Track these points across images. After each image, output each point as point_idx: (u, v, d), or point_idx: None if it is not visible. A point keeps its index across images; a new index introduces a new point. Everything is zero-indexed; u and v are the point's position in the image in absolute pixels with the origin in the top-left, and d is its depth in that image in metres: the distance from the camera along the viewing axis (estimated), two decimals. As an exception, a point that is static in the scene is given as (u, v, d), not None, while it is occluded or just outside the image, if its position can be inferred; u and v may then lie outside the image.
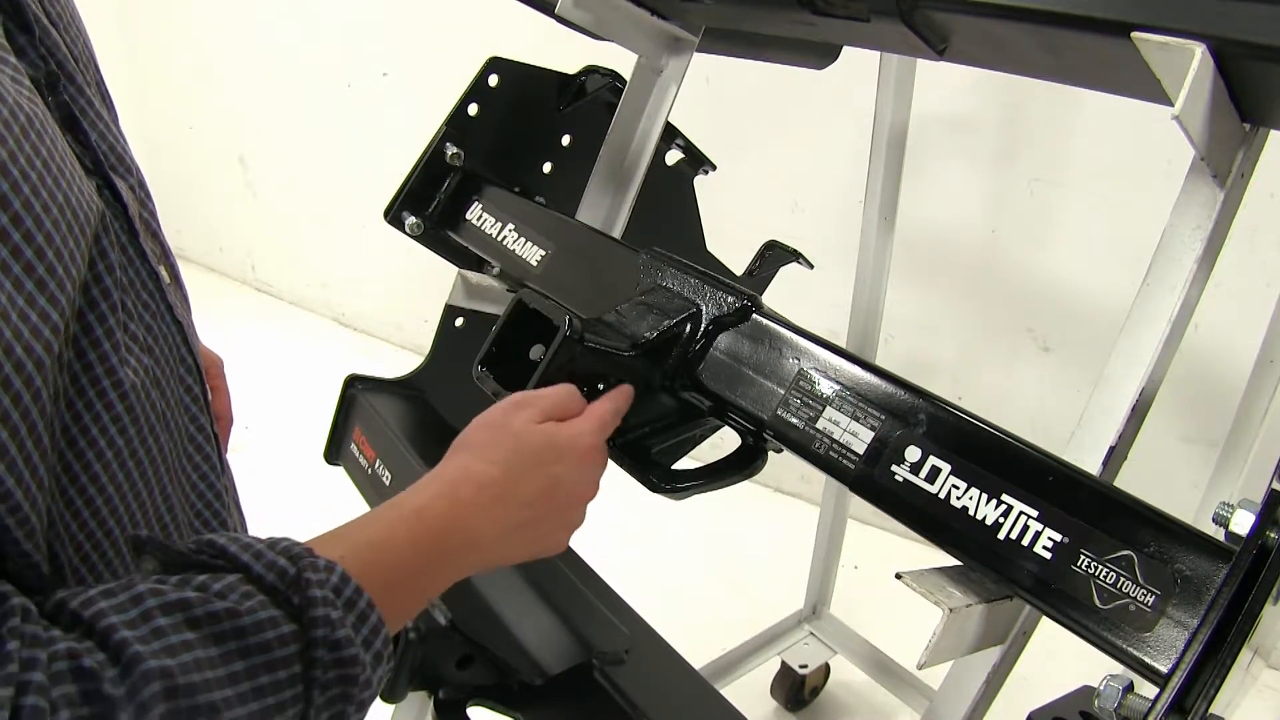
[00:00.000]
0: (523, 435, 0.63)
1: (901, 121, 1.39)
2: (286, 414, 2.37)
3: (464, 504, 0.57)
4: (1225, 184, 0.65)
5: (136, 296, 0.52)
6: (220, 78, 3.25)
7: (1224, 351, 1.73)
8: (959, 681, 0.68)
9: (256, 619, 0.41)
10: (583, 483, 0.66)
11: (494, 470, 0.60)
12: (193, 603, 0.40)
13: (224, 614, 0.41)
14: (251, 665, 0.41)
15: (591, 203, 1.14)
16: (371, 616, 0.46)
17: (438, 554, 0.55)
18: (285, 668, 0.42)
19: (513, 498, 0.60)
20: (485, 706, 0.87)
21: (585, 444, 0.66)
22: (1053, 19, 0.67)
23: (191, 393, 0.58)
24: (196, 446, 0.58)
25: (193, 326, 0.61)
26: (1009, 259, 1.97)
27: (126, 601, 0.39)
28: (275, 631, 0.42)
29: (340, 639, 0.43)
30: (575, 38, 1.06)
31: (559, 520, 0.65)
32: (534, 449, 0.62)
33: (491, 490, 0.59)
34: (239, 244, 3.52)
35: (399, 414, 1.18)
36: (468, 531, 0.57)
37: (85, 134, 0.51)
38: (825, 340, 0.73)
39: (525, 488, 0.61)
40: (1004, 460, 0.60)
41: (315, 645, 0.43)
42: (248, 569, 0.43)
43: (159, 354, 0.54)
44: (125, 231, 0.52)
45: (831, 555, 1.74)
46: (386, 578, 0.50)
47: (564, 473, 0.63)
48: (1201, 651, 0.47)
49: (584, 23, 0.99)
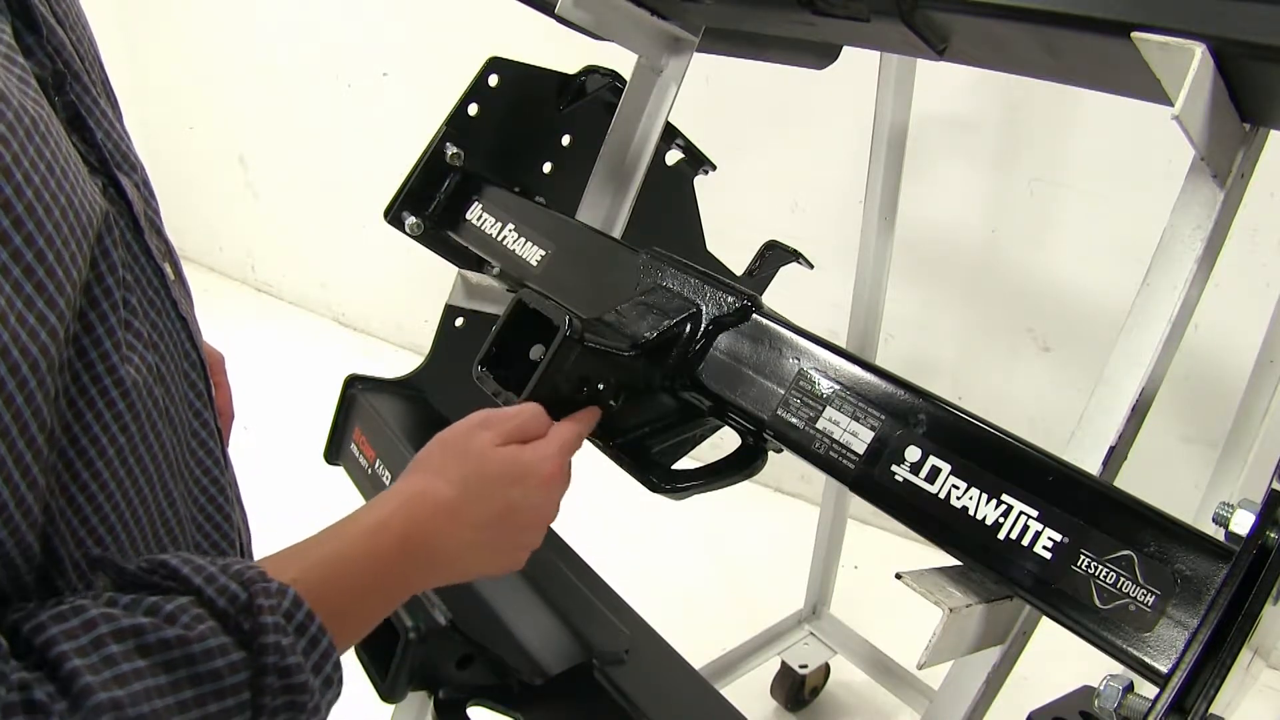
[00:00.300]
0: (483, 458, 0.63)
1: (901, 121, 1.39)
2: (286, 414, 2.37)
3: (420, 523, 0.58)
4: (1225, 184, 0.65)
5: (142, 293, 0.52)
6: (220, 78, 3.25)
7: (1224, 351, 1.73)
8: (959, 681, 0.68)
9: (206, 646, 0.41)
10: (541, 506, 0.66)
11: (451, 490, 0.60)
12: (145, 629, 0.40)
13: (175, 641, 0.41)
14: (200, 694, 0.41)
15: (591, 203, 1.14)
16: (322, 641, 0.46)
17: (393, 572, 0.55)
18: (234, 695, 0.42)
19: (469, 518, 0.60)
20: (485, 706, 0.87)
21: (546, 469, 0.66)
22: (1053, 19, 0.67)
23: (196, 389, 0.58)
24: (200, 442, 0.58)
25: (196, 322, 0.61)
26: (1009, 259, 1.97)
27: (78, 627, 0.40)
28: (225, 659, 0.42)
29: (290, 665, 0.43)
30: (575, 38, 1.06)
31: (515, 541, 0.65)
32: (493, 472, 0.63)
33: (448, 510, 0.59)
34: (239, 244, 3.52)
35: (399, 414, 1.18)
36: (423, 550, 0.57)
37: (91, 132, 0.51)
38: (825, 340, 0.73)
39: (482, 509, 0.61)
40: (1004, 460, 0.60)
41: (265, 672, 0.43)
42: (199, 592, 0.43)
43: (164, 350, 0.54)
44: (130, 229, 0.52)
45: (831, 555, 1.74)
46: (340, 597, 0.51)
47: (522, 497, 0.64)
48: (1201, 651, 0.47)
49: (584, 23, 0.99)
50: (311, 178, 3.14)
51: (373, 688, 0.82)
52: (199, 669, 0.41)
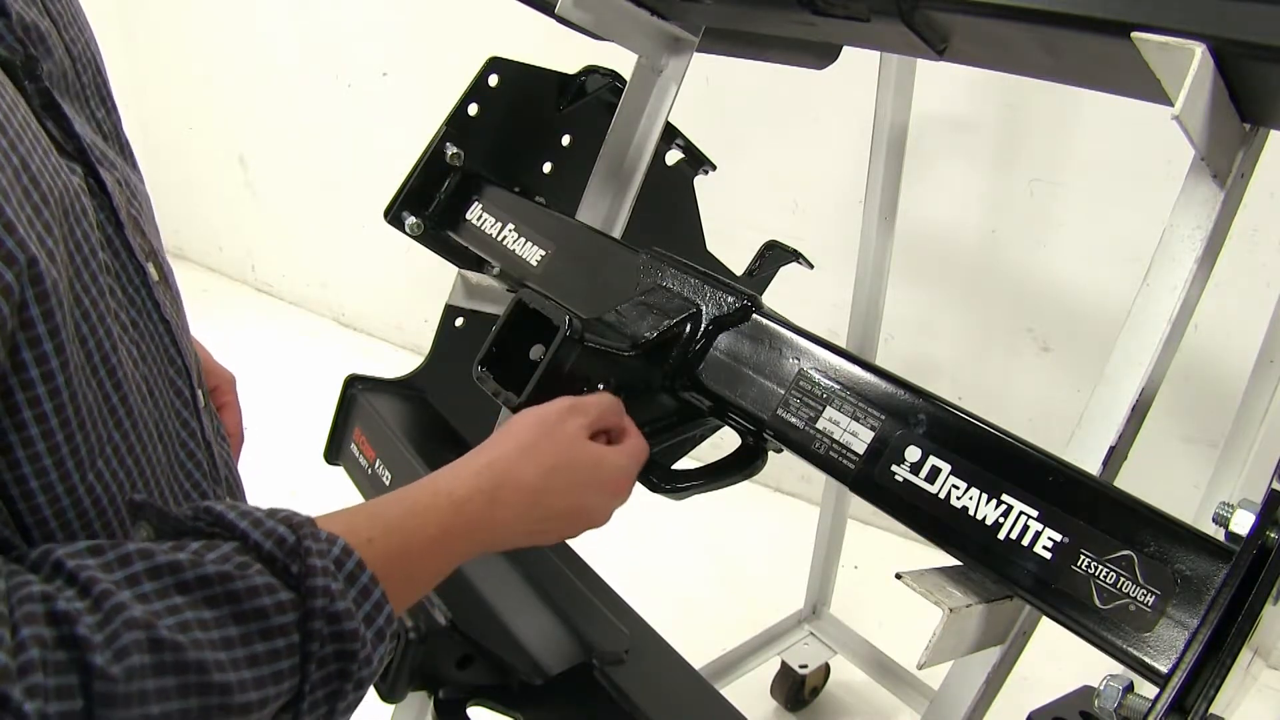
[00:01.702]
0: (574, 448, 0.63)
1: (901, 121, 1.39)
2: (286, 414, 2.37)
3: (502, 505, 0.58)
4: (1225, 184, 0.65)
5: (124, 290, 0.52)
6: (220, 78, 3.26)
7: (1224, 351, 1.73)
8: (959, 681, 0.68)
9: (252, 584, 0.39)
10: (603, 512, 0.66)
11: (537, 478, 0.60)
12: (183, 565, 0.38)
13: (216, 578, 0.39)
14: (246, 631, 0.39)
15: (591, 203, 1.14)
16: (375, 592, 0.44)
17: (462, 545, 0.55)
18: (282, 636, 0.40)
19: (543, 508, 0.61)
20: (485, 706, 0.87)
21: (621, 479, 0.67)
22: (1053, 19, 0.67)
23: (182, 396, 0.57)
24: (188, 452, 0.57)
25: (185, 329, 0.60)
26: (1009, 259, 1.97)
27: (114, 561, 0.37)
28: (272, 598, 0.40)
29: (339, 611, 0.42)
30: (575, 38, 1.06)
31: (563, 533, 0.65)
32: (580, 467, 0.63)
33: (531, 496, 0.60)
34: (239, 244, 3.52)
35: (399, 414, 1.18)
36: (495, 529, 0.58)
37: (67, 121, 0.50)
38: (825, 340, 0.73)
39: (557, 503, 0.62)
40: (1004, 460, 0.60)
41: (313, 616, 0.41)
42: (245, 537, 0.41)
43: (145, 350, 0.53)
44: (111, 222, 0.51)
45: (831, 555, 1.74)
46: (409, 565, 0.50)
47: (594, 501, 0.65)
48: (1201, 651, 0.47)
49: (584, 23, 0.99)
50: (311, 178, 3.14)
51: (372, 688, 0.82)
52: (244, 606, 0.39)
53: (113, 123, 0.59)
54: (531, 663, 0.87)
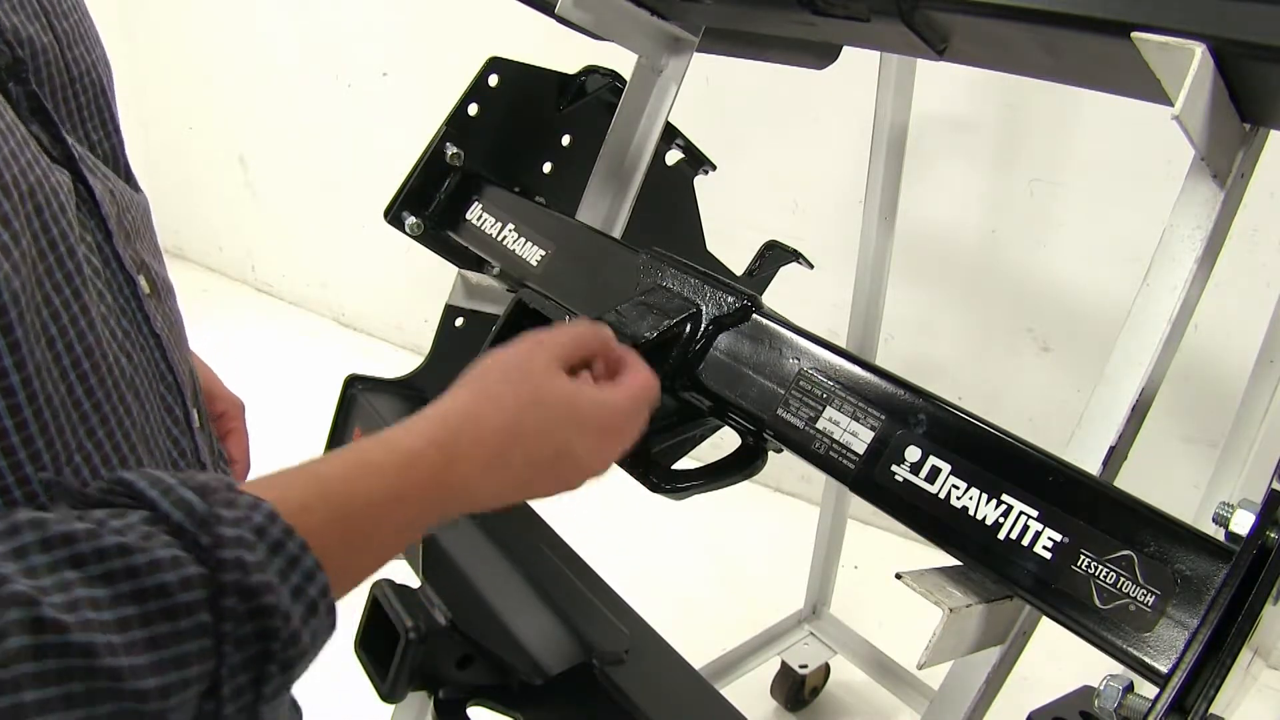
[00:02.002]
0: (544, 385, 0.55)
1: (901, 121, 1.39)
2: (286, 414, 2.37)
3: (461, 460, 0.50)
4: (1225, 184, 0.65)
5: (114, 299, 0.51)
6: (220, 78, 3.26)
7: (1224, 351, 1.73)
8: (959, 681, 0.68)
9: (154, 558, 0.35)
10: (593, 457, 0.57)
11: (501, 420, 0.52)
12: (78, 536, 0.35)
13: (114, 550, 0.35)
14: (146, 611, 0.35)
15: (591, 203, 1.14)
16: (305, 560, 0.40)
17: (417, 509, 0.48)
18: (188, 615, 0.36)
19: (513, 457, 0.53)
20: (485, 706, 0.87)
21: (612, 417, 0.58)
22: (1053, 19, 0.67)
23: (173, 414, 0.55)
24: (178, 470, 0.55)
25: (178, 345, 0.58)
26: (1009, 259, 1.98)
27: (2, 531, 0.34)
28: (176, 573, 0.36)
29: (255, 585, 0.37)
30: (575, 38, 1.06)
31: (552, 487, 0.57)
32: (553, 404, 0.55)
33: (494, 446, 0.52)
34: (239, 244, 3.52)
35: (399, 414, 1.18)
36: (456, 488, 0.50)
37: (55, 127, 0.49)
38: (825, 340, 0.73)
39: (532, 448, 0.53)
40: (1004, 460, 0.60)
41: (225, 592, 0.37)
42: (155, 505, 0.38)
43: (136, 362, 0.52)
44: (100, 230, 0.50)
45: (831, 555, 1.74)
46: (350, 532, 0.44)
47: (577, 443, 0.55)
48: (1201, 651, 0.47)
49: (584, 23, 0.99)
50: (311, 178, 3.14)
51: (372, 688, 0.82)
52: (144, 582, 0.35)
53: (112, 146, 0.58)
54: (531, 663, 0.87)
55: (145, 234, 0.58)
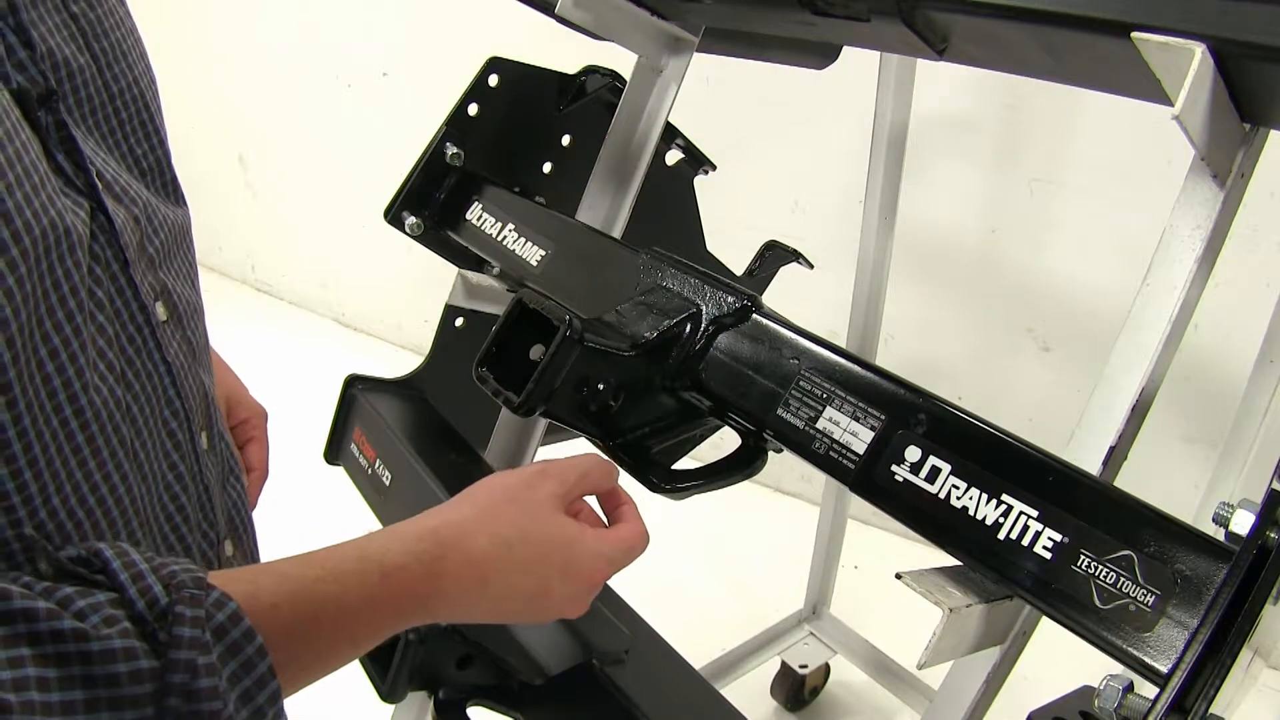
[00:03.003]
0: (542, 520, 0.56)
1: (901, 121, 1.39)
2: (286, 414, 2.36)
3: (443, 576, 0.51)
4: (1225, 184, 0.65)
5: (122, 328, 0.51)
6: (220, 78, 3.25)
7: (1224, 351, 1.73)
8: (959, 681, 0.68)
9: (108, 647, 0.36)
10: (569, 602, 0.58)
11: (491, 550, 0.53)
12: (38, 615, 0.35)
13: (70, 634, 0.36)
14: (93, 697, 0.35)
15: (591, 203, 1.14)
16: (259, 666, 0.40)
17: (389, 617, 0.49)
18: (132, 707, 0.36)
19: (497, 586, 0.53)
20: (485, 706, 0.87)
21: (597, 568, 0.58)
22: (1053, 19, 0.67)
23: (175, 439, 0.55)
24: (172, 496, 0.55)
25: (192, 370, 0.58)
26: (1009, 259, 1.97)
27: None
28: (128, 665, 0.36)
29: (200, 689, 0.37)
30: (575, 38, 1.06)
31: (527, 618, 0.57)
32: (547, 544, 0.55)
33: (480, 570, 0.52)
34: (239, 244, 3.52)
35: (399, 414, 1.18)
36: (432, 603, 0.51)
37: (81, 155, 0.50)
38: (825, 340, 0.73)
39: (515, 582, 0.54)
40: (1004, 460, 0.60)
41: (170, 692, 0.37)
42: (122, 590, 0.39)
43: (139, 390, 0.51)
44: (117, 260, 0.51)
45: (831, 555, 1.74)
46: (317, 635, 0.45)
47: (560, 587, 0.56)
48: (1201, 651, 0.47)
49: (584, 23, 0.99)
50: (311, 178, 3.14)
51: (373, 688, 0.82)
52: (95, 670, 0.36)
53: (157, 159, 0.58)
54: (531, 663, 0.87)
55: (176, 254, 0.58)
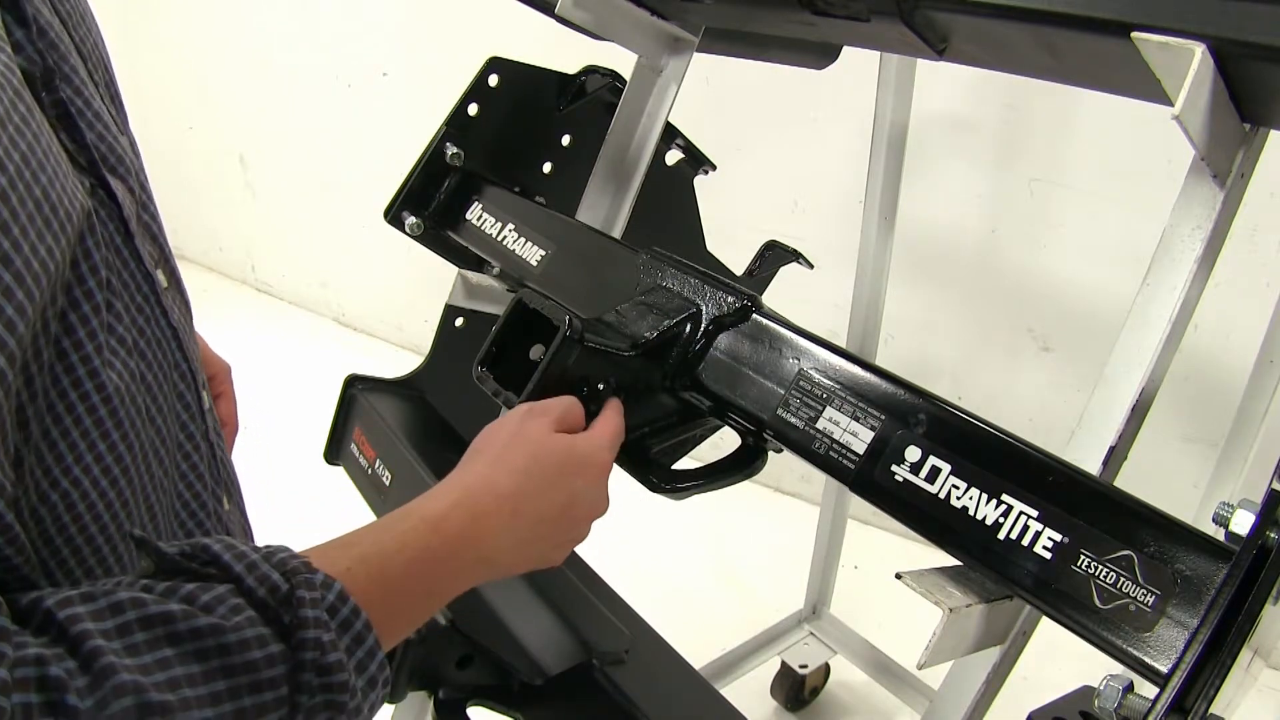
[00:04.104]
0: (542, 444, 0.62)
1: (901, 121, 1.39)
2: (286, 414, 2.37)
3: (483, 516, 0.56)
4: (1225, 184, 0.65)
5: (130, 299, 0.51)
6: (220, 78, 3.25)
7: (1224, 351, 1.73)
8: (959, 681, 0.68)
9: (242, 636, 0.39)
10: (597, 498, 0.64)
11: (514, 481, 0.59)
12: (175, 616, 0.38)
13: (207, 630, 0.39)
14: (234, 685, 0.39)
15: (591, 203, 1.14)
16: (368, 639, 0.44)
17: (450, 567, 0.53)
18: (271, 689, 0.40)
19: (532, 511, 0.59)
20: (485, 706, 0.87)
21: (602, 458, 0.65)
22: (1052, 19, 0.67)
23: (184, 400, 0.57)
24: (185, 455, 0.57)
25: (191, 333, 0.60)
26: (1009, 259, 1.98)
27: (105, 609, 0.38)
28: (262, 651, 0.40)
29: (330, 664, 0.41)
30: (575, 38, 1.06)
31: (568, 535, 0.63)
32: (554, 460, 0.61)
33: (512, 502, 0.58)
34: (239, 244, 3.52)
35: (399, 414, 1.18)
36: (483, 544, 0.56)
37: (80, 132, 0.50)
38: (825, 340, 0.73)
39: (544, 500, 0.60)
40: (1004, 460, 0.60)
41: (303, 668, 0.41)
42: (239, 580, 0.42)
43: (151, 358, 0.53)
44: (120, 233, 0.51)
45: (831, 555, 1.74)
46: (390, 594, 0.49)
47: (583, 487, 0.62)
48: (1201, 651, 0.47)
49: (584, 23, 0.99)
50: (311, 178, 3.14)
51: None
52: (234, 660, 0.39)
53: (122, 118, 0.59)
54: (531, 663, 0.87)
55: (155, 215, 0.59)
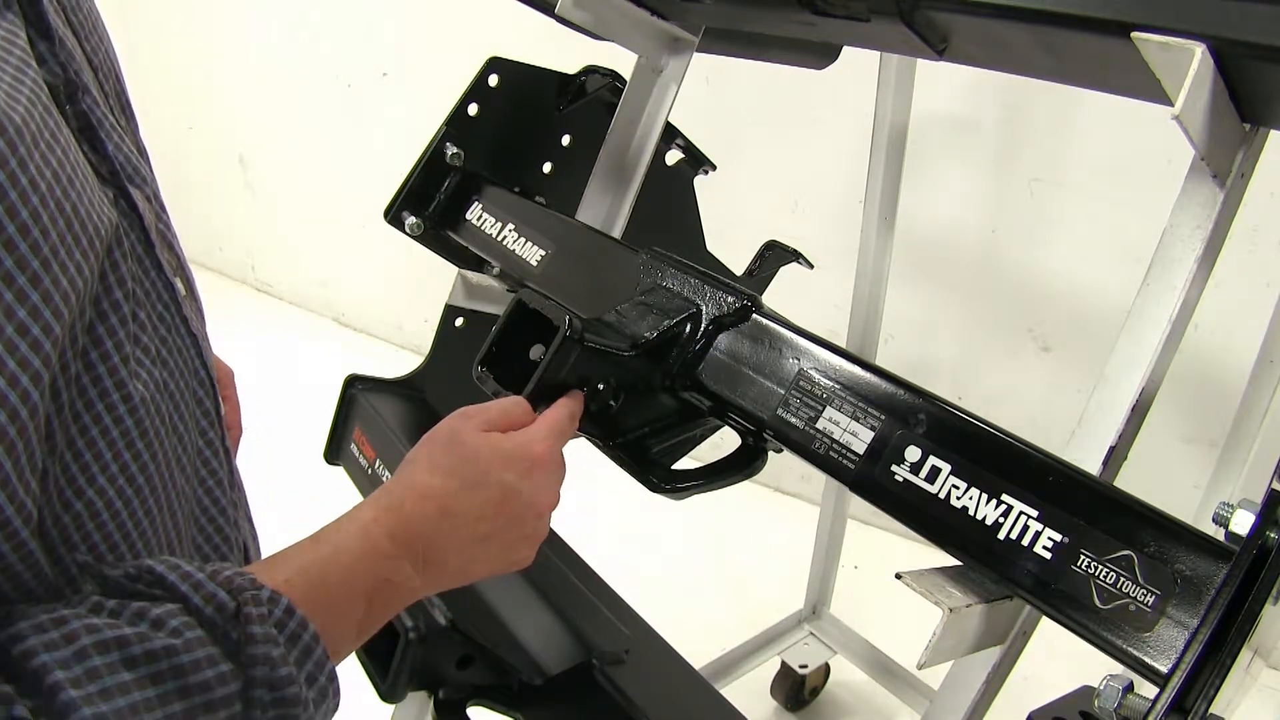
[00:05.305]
0: (467, 443, 0.61)
1: (901, 121, 1.39)
2: (286, 414, 2.37)
3: (410, 517, 0.55)
4: (1225, 184, 0.65)
5: (151, 308, 0.52)
6: (220, 78, 3.25)
7: (1224, 351, 1.73)
8: (959, 681, 0.68)
9: (195, 657, 0.40)
10: (538, 490, 0.62)
11: (437, 480, 0.58)
12: (129, 640, 0.39)
13: (162, 652, 0.39)
14: (190, 706, 0.39)
15: (591, 203, 1.14)
16: (316, 650, 0.45)
17: (387, 571, 0.53)
18: (225, 708, 0.40)
19: (463, 509, 0.58)
20: (485, 706, 0.87)
21: (536, 450, 0.63)
22: (1053, 19, 0.67)
23: (203, 407, 0.57)
24: (204, 461, 0.57)
25: (207, 340, 0.61)
26: (1009, 259, 1.97)
27: (59, 639, 0.38)
28: (214, 670, 0.40)
29: (280, 677, 0.42)
30: (575, 38, 1.06)
31: (517, 532, 0.61)
32: (481, 456, 0.60)
33: (438, 501, 0.57)
34: (239, 244, 3.52)
35: (399, 414, 1.18)
36: (417, 546, 0.55)
37: (102, 143, 0.50)
38: (825, 340, 0.73)
39: (475, 497, 0.58)
40: (1004, 460, 0.60)
41: (255, 685, 0.41)
42: (186, 600, 0.42)
43: (173, 367, 0.53)
44: (141, 243, 0.51)
45: (831, 555, 1.74)
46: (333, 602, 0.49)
47: (515, 480, 0.60)
48: (1201, 651, 0.47)
49: (584, 23, 0.99)
50: (311, 178, 3.14)
51: (373, 688, 0.82)
52: (188, 681, 0.40)
53: (133, 127, 0.59)
54: (531, 663, 0.87)
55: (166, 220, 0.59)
